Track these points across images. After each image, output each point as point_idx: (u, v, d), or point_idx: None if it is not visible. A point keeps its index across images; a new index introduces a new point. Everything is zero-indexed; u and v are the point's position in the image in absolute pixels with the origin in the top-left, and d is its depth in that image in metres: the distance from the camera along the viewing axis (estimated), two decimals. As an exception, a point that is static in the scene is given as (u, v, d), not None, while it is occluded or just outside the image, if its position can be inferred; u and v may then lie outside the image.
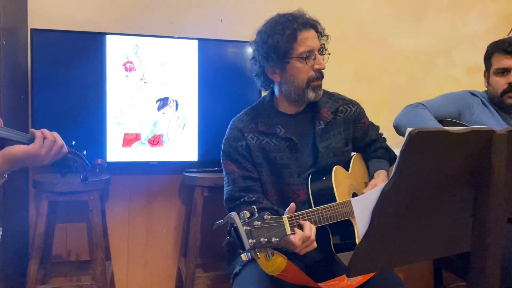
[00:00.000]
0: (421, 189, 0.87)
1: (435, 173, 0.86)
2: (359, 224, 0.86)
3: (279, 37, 1.47)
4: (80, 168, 1.31)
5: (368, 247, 0.88)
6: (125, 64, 2.04)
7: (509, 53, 1.78)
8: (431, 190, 0.89)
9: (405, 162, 0.79)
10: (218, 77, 2.14)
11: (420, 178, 0.85)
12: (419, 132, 0.76)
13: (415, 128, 0.76)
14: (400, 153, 0.79)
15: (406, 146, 0.77)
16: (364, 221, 0.86)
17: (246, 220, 1.06)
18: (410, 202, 0.87)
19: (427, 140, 0.78)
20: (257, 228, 1.06)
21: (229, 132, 1.59)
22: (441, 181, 0.89)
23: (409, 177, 0.82)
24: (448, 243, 1.02)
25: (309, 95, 1.51)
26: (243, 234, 1.02)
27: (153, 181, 2.24)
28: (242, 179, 1.51)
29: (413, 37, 2.51)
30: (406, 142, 0.77)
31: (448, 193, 0.93)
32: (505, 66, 1.79)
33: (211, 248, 2.28)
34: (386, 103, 2.45)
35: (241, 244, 1.02)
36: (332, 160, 1.57)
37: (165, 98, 2.08)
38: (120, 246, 2.23)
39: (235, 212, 1.06)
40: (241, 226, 1.03)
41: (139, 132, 2.06)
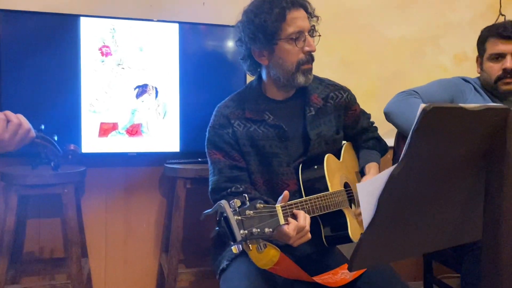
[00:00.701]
0: (431, 173, 0.79)
1: (446, 155, 0.78)
2: (363, 212, 0.78)
3: (266, 16, 1.37)
4: (50, 155, 1.19)
5: (372, 237, 0.79)
6: (101, 48, 1.91)
7: (504, 38, 1.72)
8: (441, 175, 0.81)
9: (417, 142, 0.71)
10: (201, 63, 2.03)
11: (431, 160, 0.76)
12: (434, 108, 0.68)
13: (429, 104, 0.68)
14: (412, 132, 0.70)
15: (419, 123, 0.69)
16: (369, 209, 0.77)
17: (237, 209, 0.97)
18: (419, 187, 0.79)
19: (441, 117, 0.70)
20: (249, 218, 0.97)
21: (214, 119, 1.49)
22: (451, 164, 0.81)
23: (420, 159, 0.74)
24: (455, 233, 0.95)
25: (298, 80, 1.42)
26: (234, 224, 0.93)
27: (132, 173, 2.12)
28: (229, 168, 1.42)
29: (401, 24, 2.44)
30: (419, 119, 0.69)
31: (458, 178, 0.85)
32: (500, 51, 1.73)
33: (194, 243, 2.18)
34: (374, 91, 2.38)
35: (232, 235, 0.93)
36: (323, 148, 1.49)
37: (144, 85, 1.97)
38: (97, 243, 2.11)
39: (225, 201, 0.96)
40: (231, 215, 0.94)
41: (116, 121, 1.94)
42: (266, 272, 1.24)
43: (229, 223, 0.93)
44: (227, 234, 0.94)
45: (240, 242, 0.95)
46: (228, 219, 0.94)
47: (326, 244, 1.42)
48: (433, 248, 0.94)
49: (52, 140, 1.19)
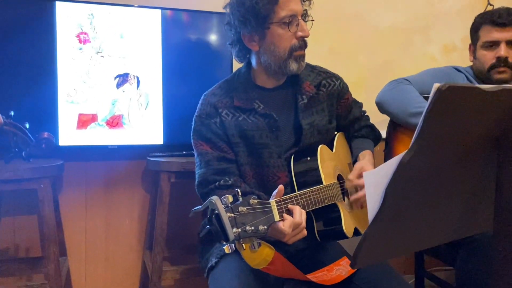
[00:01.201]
0: (441, 160, 0.73)
1: (458, 139, 0.72)
2: (369, 204, 0.71)
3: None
4: (21, 144, 1.09)
5: (378, 232, 0.73)
6: (78, 35, 1.80)
7: (498, 25, 1.67)
8: (451, 162, 0.75)
9: (430, 125, 0.64)
10: (185, 51, 1.94)
11: (442, 146, 0.70)
12: (449, 88, 0.61)
13: (444, 83, 0.62)
14: (425, 114, 0.63)
15: (433, 104, 0.62)
16: (375, 201, 0.70)
17: (229, 205, 0.89)
18: (428, 176, 0.73)
19: (456, 97, 0.64)
20: (242, 215, 0.89)
21: (201, 108, 1.41)
22: (462, 150, 0.75)
23: (432, 145, 0.68)
24: (461, 225, 0.89)
25: (291, 66, 1.35)
26: (226, 222, 0.85)
27: (113, 167, 2.02)
28: (217, 160, 1.34)
29: (390, 13, 2.39)
30: (433, 100, 0.62)
31: (467, 166, 0.79)
32: (494, 38, 1.68)
33: (180, 240, 2.09)
34: (363, 81, 2.32)
35: (224, 234, 0.85)
36: (316, 138, 1.42)
37: (125, 74, 1.87)
38: (77, 240, 2.01)
39: (216, 196, 0.88)
40: (224, 212, 0.86)
41: (95, 112, 1.84)
42: (257, 270, 1.17)
43: (221, 221, 0.86)
44: (219, 232, 0.86)
45: (233, 241, 0.87)
46: (220, 217, 0.86)
47: (319, 239, 1.36)
48: (439, 241, 0.88)
49: (22, 128, 1.10)
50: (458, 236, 0.97)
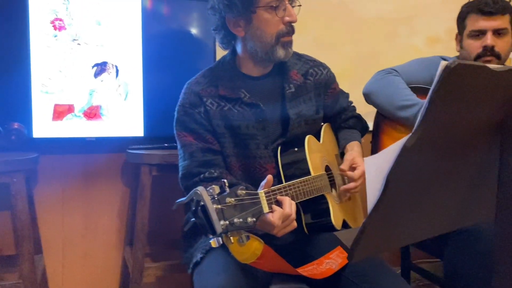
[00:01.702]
0: (445, 145, 0.69)
1: (463, 123, 0.68)
2: (368, 192, 0.67)
3: None
4: None
5: (378, 222, 0.69)
6: (53, 21, 1.71)
7: (485, 14, 1.65)
8: (454, 148, 0.71)
9: (436, 106, 0.60)
10: (166, 40, 1.87)
11: (447, 129, 0.66)
12: (459, 65, 0.57)
13: (454, 61, 0.58)
14: (432, 94, 0.59)
15: (441, 83, 0.58)
16: (375, 188, 0.66)
17: (216, 196, 0.83)
18: (431, 162, 0.69)
19: (464, 76, 0.60)
20: (229, 207, 0.83)
21: (184, 97, 1.34)
22: (466, 135, 0.71)
23: (437, 128, 0.64)
24: (460, 215, 0.86)
25: (278, 53, 1.30)
26: (213, 214, 0.80)
27: (91, 161, 1.94)
28: (201, 152, 1.28)
29: (375, 3, 2.36)
30: (441, 78, 0.58)
31: (469, 152, 0.75)
32: (481, 27, 1.66)
33: (161, 235, 2.02)
34: (348, 72, 2.28)
35: (211, 227, 0.80)
36: (303, 129, 1.38)
37: (103, 63, 1.78)
38: (53, 237, 1.92)
39: (202, 187, 0.82)
40: (210, 204, 0.80)
41: (72, 103, 1.75)
42: (245, 265, 1.11)
43: (207, 213, 0.80)
44: (205, 226, 0.80)
45: (220, 234, 0.81)
46: (206, 209, 0.80)
47: (307, 232, 1.32)
48: (438, 232, 0.85)
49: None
50: (455, 226, 0.94)
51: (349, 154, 1.42)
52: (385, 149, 0.63)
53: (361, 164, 1.38)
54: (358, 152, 1.44)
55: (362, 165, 1.38)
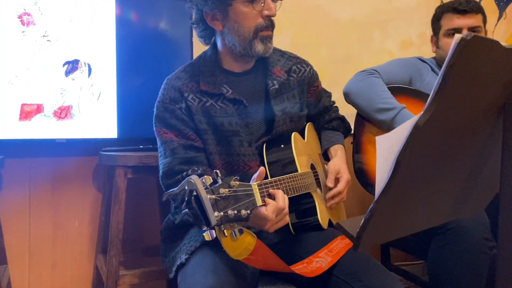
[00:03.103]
0: (454, 125, 0.67)
1: (472, 102, 0.66)
2: (378, 174, 0.63)
3: None
4: None
5: (386, 206, 0.65)
6: (21, 16, 1.62)
7: (460, 12, 1.70)
8: (462, 128, 0.69)
9: (450, 80, 0.58)
10: (141, 37, 1.80)
11: (458, 107, 0.64)
12: (475, 37, 0.55)
13: (469, 33, 0.56)
14: (446, 68, 0.57)
15: (456, 56, 0.56)
16: (384, 170, 0.63)
17: (209, 187, 0.78)
18: (440, 143, 0.67)
19: (479, 50, 0.58)
20: (223, 198, 0.78)
21: (164, 93, 1.29)
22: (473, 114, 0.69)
23: (449, 105, 0.61)
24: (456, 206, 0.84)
25: (256, 48, 1.26)
26: (207, 204, 0.74)
27: (61, 164, 1.83)
28: (183, 148, 1.23)
29: (350, 6, 2.37)
30: (456, 51, 0.56)
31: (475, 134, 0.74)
32: (456, 26, 1.71)
33: (135, 242, 1.93)
34: (324, 74, 2.24)
35: (205, 218, 0.74)
36: (288, 126, 1.35)
37: (75, 61, 1.70)
38: (19, 246, 1.80)
39: (196, 176, 0.77)
40: (204, 193, 0.75)
41: (41, 103, 1.66)
42: (234, 265, 1.06)
43: (201, 203, 0.75)
44: (199, 216, 0.75)
45: (214, 227, 0.76)
46: (200, 198, 0.75)
47: (293, 231, 1.28)
48: (438, 221, 0.83)
49: None
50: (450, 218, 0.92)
51: (333, 164, 1.39)
52: (397, 127, 0.60)
53: (344, 174, 1.36)
54: (342, 158, 1.41)
55: (345, 175, 1.37)
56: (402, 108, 1.58)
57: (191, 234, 1.22)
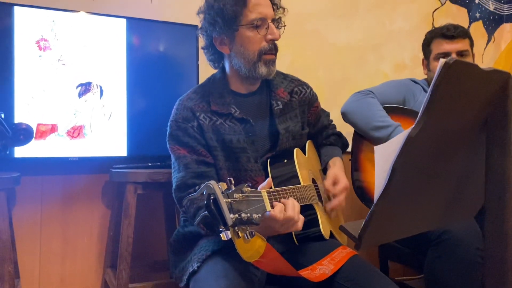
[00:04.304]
0: (443, 137, 0.76)
1: (457, 117, 0.75)
2: (377, 180, 0.73)
3: (225, 0, 1.31)
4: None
5: (384, 208, 0.74)
6: (38, 42, 1.72)
7: (448, 37, 1.82)
8: (450, 141, 0.79)
9: (436, 98, 0.68)
10: (150, 62, 1.91)
11: (445, 121, 0.73)
12: (456, 61, 0.65)
13: (451, 58, 0.66)
14: (433, 87, 0.67)
15: (441, 78, 0.66)
16: (382, 176, 0.72)
17: (224, 191, 0.87)
18: (432, 152, 0.76)
19: (459, 72, 0.68)
20: (237, 202, 0.87)
21: (177, 113, 1.38)
22: (459, 129, 0.79)
23: (437, 118, 0.71)
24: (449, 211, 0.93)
25: (260, 70, 1.37)
26: (224, 206, 0.83)
27: (72, 181, 1.91)
28: (196, 163, 1.31)
29: (346, 31, 2.50)
30: (441, 73, 0.66)
31: (461, 147, 0.83)
32: (446, 50, 1.83)
33: (144, 256, 2.00)
34: (322, 95, 2.35)
35: (222, 219, 0.83)
36: (291, 143, 1.44)
37: (88, 83, 1.80)
38: (30, 261, 1.86)
39: (214, 181, 0.86)
40: (221, 197, 0.84)
41: (55, 123, 1.75)
42: (243, 271, 1.14)
43: (218, 205, 0.83)
44: (217, 217, 0.84)
45: (230, 227, 0.85)
46: (218, 201, 0.84)
47: (297, 242, 1.36)
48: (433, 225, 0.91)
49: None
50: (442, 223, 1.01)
51: (331, 171, 1.48)
52: (393, 138, 0.69)
53: (342, 179, 1.45)
54: (340, 167, 1.51)
55: (343, 180, 1.45)
56: (397, 126, 1.68)
57: (201, 245, 1.30)
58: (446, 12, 2.81)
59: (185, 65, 1.97)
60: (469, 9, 2.89)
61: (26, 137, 1.12)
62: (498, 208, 0.79)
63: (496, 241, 0.81)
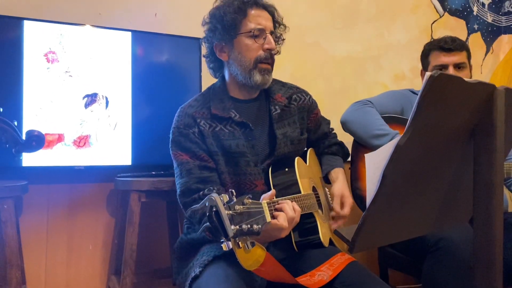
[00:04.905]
0: (431, 147, 0.80)
1: (444, 127, 0.80)
2: (368, 185, 0.77)
3: (226, 9, 1.40)
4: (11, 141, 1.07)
5: (376, 213, 0.78)
6: (46, 54, 1.78)
7: (446, 50, 1.86)
8: (438, 150, 0.83)
9: (423, 109, 0.72)
10: (154, 73, 1.96)
11: (433, 131, 0.78)
12: (440, 75, 0.70)
13: (436, 71, 0.70)
14: (419, 99, 0.71)
15: (427, 90, 0.70)
16: (373, 182, 0.76)
17: (226, 204, 0.91)
18: (421, 160, 0.80)
19: (444, 85, 0.72)
20: (238, 213, 0.91)
21: (178, 120, 1.44)
22: (446, 139, 0.83)
23: (424, 129, 0.75)
24: (442, 216, 0.96)
25: (255, 77, 1.42)
26: (225, 218, 0.87)
27: (77, 190, 1.96)
28: (198, 169, 1.36)
29: (345, 43, 2.56)
30: (427, 85, 0.70)
31: (450, 156, 0.87)
32: (443, 62, 1.87)
33: (147, 264, 2.04)
34: (322, 105, 2.40)
35: (224, 230, 0.87)
36: (289, 148, 1.49)
37: (94, 94, 1.85)
38: (37, 266, 1.90)
39: (216, 194, 0.91)
40: (223, 209, 0.88)
41: (62, 132, 1.80)
42: (244, 276, 1.18)
43: (220, 217, 0.88)
44: (219, 229, 0.88)
45: (231, 238, 0.89)
46: (220, 214, 0.88)
47: (297, 249, 1.40)
48: (424, 231, 0.95)
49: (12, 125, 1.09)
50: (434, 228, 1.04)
51: (337, 189, 1.52)
52: (382, 146, 0.74)
53: (348, 199, 1.50)
54: (344, 183, 1.54)
55: (349, 199, 1.50)
56: (396, 134, 1.73)
57: (203, 251, 1.33)
58: (445, 23, 2.86)
59: (188, 76, 2.02)
60: (467, 21, 2.95)
61: (38, 143, 1.18)
62: (485, 213, 0.83)
63: (484, 245, 0.85)
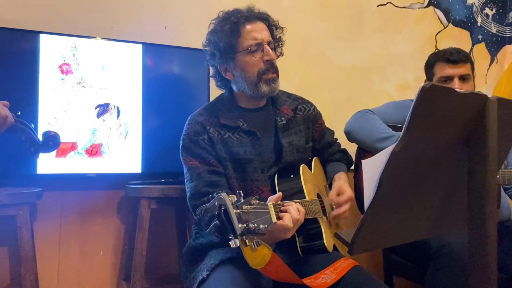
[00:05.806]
0: (425, 154, 0.85)
1: (438, 135, 0.84)
2: (365, 190, 0.81)
3: (220, 34, 1.46)
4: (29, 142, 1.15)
5: (373, 216, 0.83)
6: (61, 66, 1.85)
7: (451, 62, 1.88)
8: (433, 157, 0.87)
9: (416, 119, 0.77)
10: (164, 84, 2.03)
11: (426, 139, 0.82)
12: (432, 86, 0.74)
13: (428, 82, 0.75)
14: (412, 109, 0.76)
15: (420, 100, 0.75)
16: (370, 188, 0.81)
17: (234, 203, 0.96)
18: (416, 167, 0.85)
19: (436, 95, 0.77)
20: (246, 213, 0.97)
21: (189, 127, 1.50)
22: (441, 146, 0.87)
23: (418, 136, 0.80)
24: (438, 221, 1.00)
25: (262, 89, 1.47)
26: (233, 217, 0.92)
27: (90, 197, 2.02)
28: (208, 173, 1.42)
29: (351, 53, 2.61)
30: (419, 96, 0.75)
31: (444, 164, 0.91)
32: (448, 74, 1.88)
33: (156, 270, 2.08)
34: (327, 115, 2.45)
35: (232, 228, 0.92)
36: (295, 156, 1.54)
37: (106, 104, 1.92)
38: (49, 273, 1.95)
39: (225, 193, 0.96)
40: (231, 208, 0.93)
41: (75, 141, 1.86)
42: (250, 278, 1.22)
43: (228, 216, 0.93)
44: (227, 226, 0.93)
45: (238, 236, 0.94)
46: (228, 212, 0.93)
47: (301, 253, 1.44)
48: (423, 234, 0.99)
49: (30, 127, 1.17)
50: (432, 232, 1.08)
51: (336, 183, 1.58)
52: (378, 153, 0.78)
53: (346, 190, 1.54)
54: (345, 181, 1.59)
55: (348, 191, 1.54)
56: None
57: (210, 255, 1.38)
58: (449, 34, 2.91)
59: (197, 86, 2.09)
60: (472, 31, 2.99)
61: (54, 143, 1.25)
62: (479, 218, 0.87)
63: (479, 248, 0.88)
